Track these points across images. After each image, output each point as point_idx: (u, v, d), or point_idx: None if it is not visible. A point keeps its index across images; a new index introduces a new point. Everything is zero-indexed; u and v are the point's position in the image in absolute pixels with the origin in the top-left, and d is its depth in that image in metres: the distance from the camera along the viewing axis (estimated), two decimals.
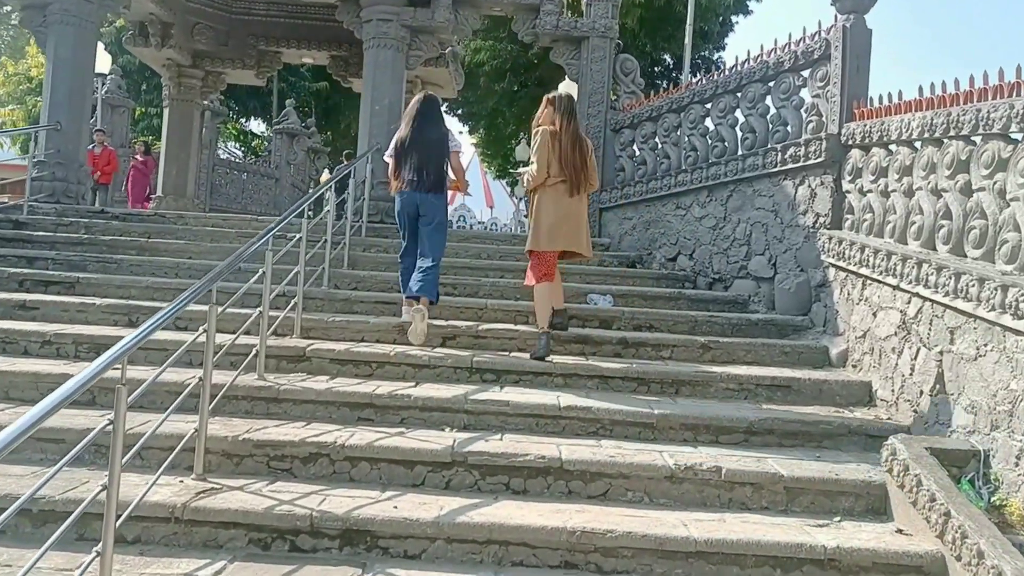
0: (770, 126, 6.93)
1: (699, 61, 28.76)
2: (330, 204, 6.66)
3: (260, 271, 4.79)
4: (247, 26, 13.05)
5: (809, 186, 6.28)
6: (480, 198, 40.22)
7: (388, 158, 6.02)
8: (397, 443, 3.88)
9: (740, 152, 7.25)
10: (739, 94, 7.38)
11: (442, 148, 5.85)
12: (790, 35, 6.79)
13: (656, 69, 27.75)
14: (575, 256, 5.90)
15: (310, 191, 10.51)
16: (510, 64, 26.49)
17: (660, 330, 6.18)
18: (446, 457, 3.79)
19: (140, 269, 6.98)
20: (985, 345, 3.92)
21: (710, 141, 7.72)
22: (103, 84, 19.15)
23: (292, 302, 5.55)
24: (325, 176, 15.51)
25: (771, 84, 6.98)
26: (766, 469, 3.80)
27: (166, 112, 13.36)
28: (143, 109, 24.73)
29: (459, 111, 28.26)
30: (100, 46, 17.76)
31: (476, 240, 8.98)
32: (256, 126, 39.85)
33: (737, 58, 7.44)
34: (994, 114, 4.13)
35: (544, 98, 5.85)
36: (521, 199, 35.68)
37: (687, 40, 12.94)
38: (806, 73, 6.60)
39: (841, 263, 5.70)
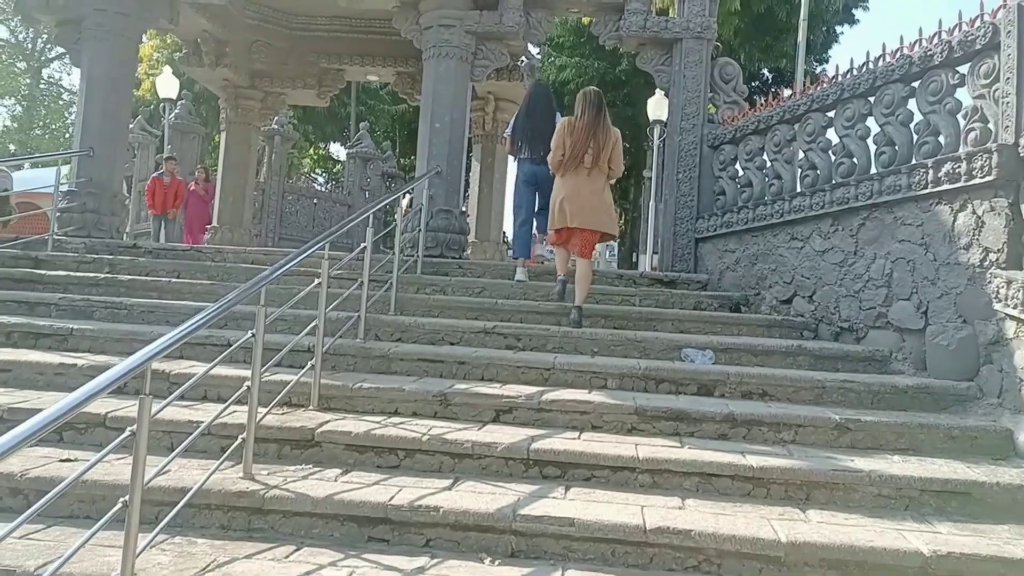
0: (915, 137, 5.62)
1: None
2: (367, 238, 5.67)
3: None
4: (307, 43, 12.41)
5: (973, 212, 4.95)
6: None
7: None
8: None
9: (875, 170, 5.94)
10: (871, 98, 6.09)
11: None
12: (940, 22, 5.50)
13: (754, 84, 26.30)
14: (603, 237, 6.60)
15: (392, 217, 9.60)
16: (597, 81, 25.47)
17: (777, 398, 4.93)
18: None
19: (152, 316, 6.16)
20: None
21: (834, 157, 6.44)
22: (173, 109, 19.07)
23: (310, 363, 4.57)
24: (405, 203, 14.74)
25: (915, 84, 5.68)
26: None
27: (223, 136, 12.83)
28: (217, 136, 24.77)
29: None
30: (168, 71, 17.76)
31: (547, 276, 7.88)
32: (336, 151, 40.19)
33: (868, 54, 6.16)
34: None
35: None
36: None
37: (800, 38, 11.53)
38: (963, 69, 5.29)
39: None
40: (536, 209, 7.69)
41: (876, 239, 5.81)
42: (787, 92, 7.45)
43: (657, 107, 17.31)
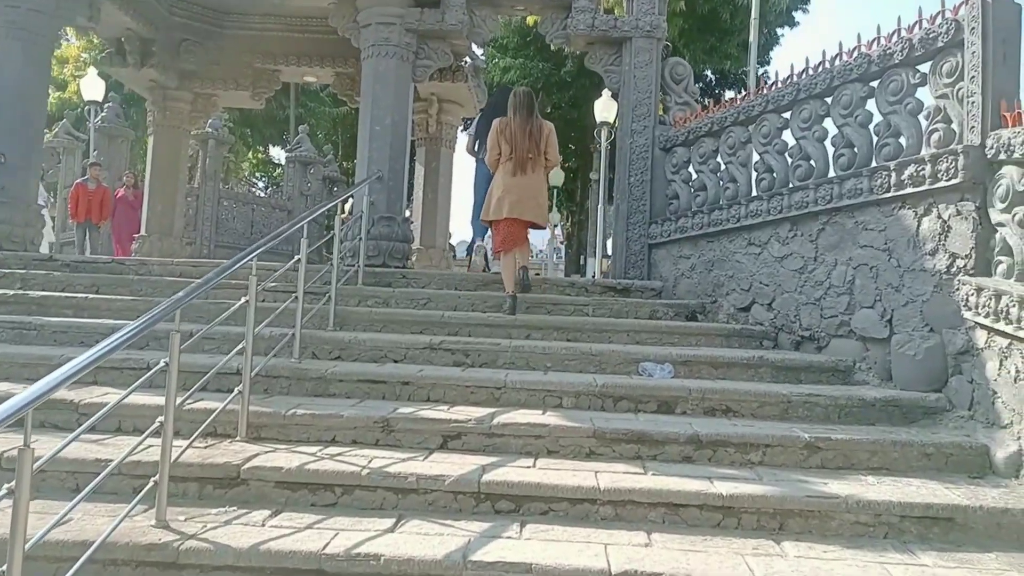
0: (875, 138, 5.47)
1: (742, 76, 27.38)
2: (302, 250, 5.29)
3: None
4: (240, 42, 11.88)
5: (939, 217, 4.79)
6: None
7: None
8: None
9: (834, 173, 5.77)
10: (828, 99, 5.93)
11: None
12: (899, 19, 5.34)
13: (698, 85, 26.37)
14: (533, 225, 7.02)
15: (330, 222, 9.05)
16: (542, 83, 25.38)
17: (741, 414, 4.70)
18: None
19: (66, 337, 5.69)
20: None
21: (791, 160, 6.26)
22: (99, 112, 18.28)
23: (237, 388, 4.18)
24: (348, 208, 14.19)
25: (874, 84, 5.52)
26: None
27: (150, 141, 12.21)
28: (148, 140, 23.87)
29: None
30: (93, 72, 16.97)
31: (496, 285, 7.57)
32: (277, 154, 39.20)
33: (825, 53, 5.99)
34: None
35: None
36: (556, 225, 34.38)
37: (752, 37, 11.39)
38: (924, 67, 5.14)
39: (996, 324, 4.20)
40: None
41: (837, 245, 5.63)
42: (729, 93, 7.29)
43: (605, 109, 17.16)
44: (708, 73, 28.01)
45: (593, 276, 21.83)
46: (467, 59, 11.24)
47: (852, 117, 5.66)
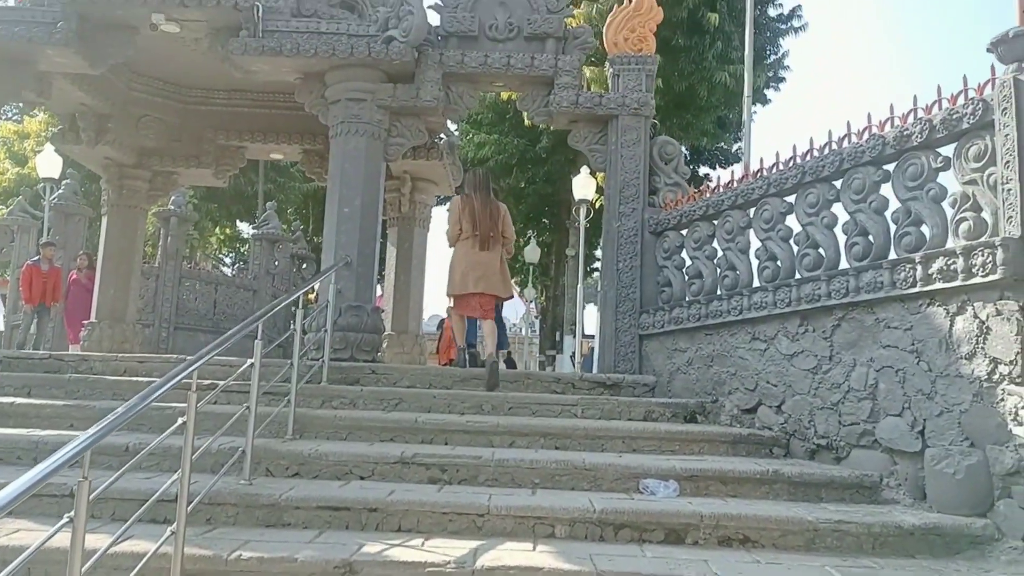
0: (893, 227, 5.04)
1: (717, 152, 27.48)
2: (255, 353, 4.70)
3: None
4: (203, 118, 11.43)
5: (975, 316, 4.33)
6: None
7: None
8: None
9: (847, 264, 5.32)
10: (838, 182, 5.53)
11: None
12: (915, 98, 4.97)
13: None
14: (495, 298, 7.47)
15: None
16: (516, 159, 25.24)
17: (761, 544, 4.12)
18: None
19: None
20: None
21: (797, 247, 5.83)
22: (56, 189, 17.70)
23: (169, 530, 3.53)
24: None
25: (890, 168, 5.13)
26: None
27: (104, 221, 11.60)
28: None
29: None
30: (50, 148, 16.46)
31: (475, 381, 7.00)
32: (246, 230, 38.54)
33: (831, 133, 5.61)
34: None
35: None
36: (532, 301, 33.95)
37: (745, 115, 11.12)
38: (946, 150, 4.76)
39: None
40: None
41: (855, 343, 5.15)
42: (704, 170, 6.96)
43: (583, 186, 16.91)
44: (683, 149, 28.08)
45: (572, 358, 21.30)
46: (442, 135, 10.87)
47: (866, 203, 5.25)
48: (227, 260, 40.90)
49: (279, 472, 4.95)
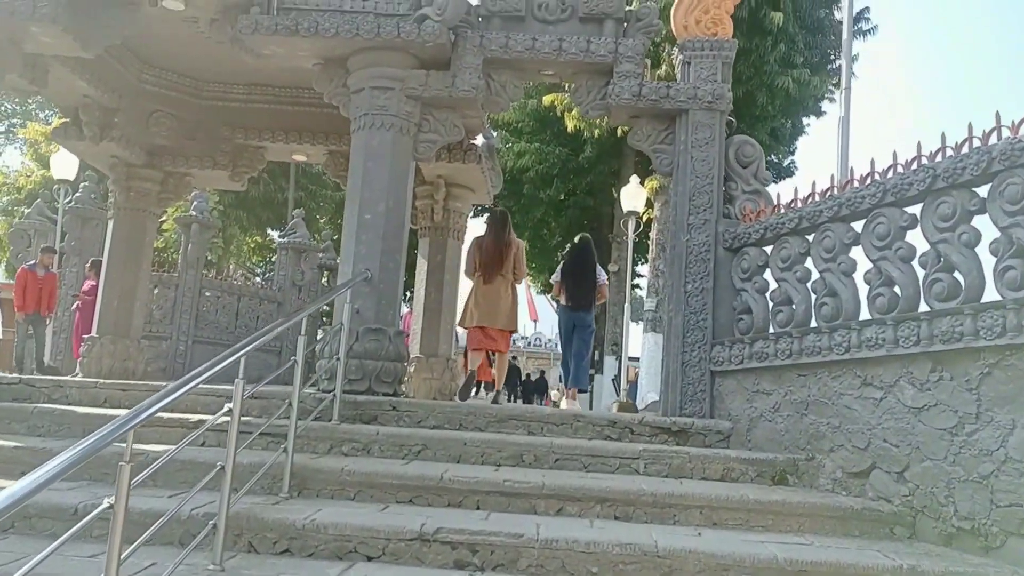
0: None
1: (768, 166, 26.01)
2: (235, 396, 3.69)
3: None
4: (220, 115, 10.53)
5: None
6: (523, 311, 39.49)
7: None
8: None
9: (1001, 295, 4.17)
10: (982, 189, 4.39)
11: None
12: None
13: None
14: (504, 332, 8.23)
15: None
16: (558, 169, 24.23)
17: None
18: None
19: None
20: None
21: (923, 271, 4.69)
22: (71, 192, 17.05)
23: None
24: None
25: None
26: None
27: (109, 225, 10.73)
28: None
29: None
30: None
31: (514, 422, 5.94)
32: (278, 238, 37.85)
33: (971, 127, 4.47)
34: None
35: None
36: None
37: (841, 111, 9.86)
38: None
39: None
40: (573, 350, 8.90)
41: (1014, 398, 4.00)
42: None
43: (632, 196, 15.81)
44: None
45: (615, 382, 20.12)
46: (480, 136, 9.83)
47: (1022, 215, 4.11)
48: (258, 270, 40.33)
49: (264, 547, 3.93)
